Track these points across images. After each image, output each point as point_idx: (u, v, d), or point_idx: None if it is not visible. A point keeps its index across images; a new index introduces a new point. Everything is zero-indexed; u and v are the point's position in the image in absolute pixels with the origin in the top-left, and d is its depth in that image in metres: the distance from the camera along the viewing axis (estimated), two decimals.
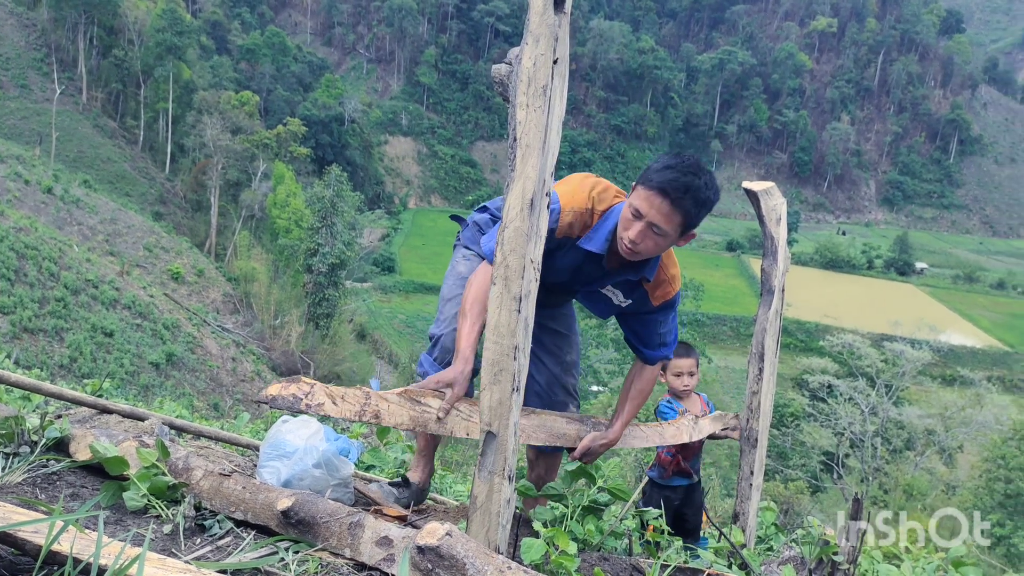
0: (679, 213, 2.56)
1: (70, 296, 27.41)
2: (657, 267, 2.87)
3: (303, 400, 2.02)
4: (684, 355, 4.10)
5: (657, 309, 2.98)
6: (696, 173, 2.56)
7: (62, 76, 69.90)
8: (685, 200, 2.53)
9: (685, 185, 2.53)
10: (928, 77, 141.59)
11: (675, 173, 2.54)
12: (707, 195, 2.59)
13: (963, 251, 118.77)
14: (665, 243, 2.67)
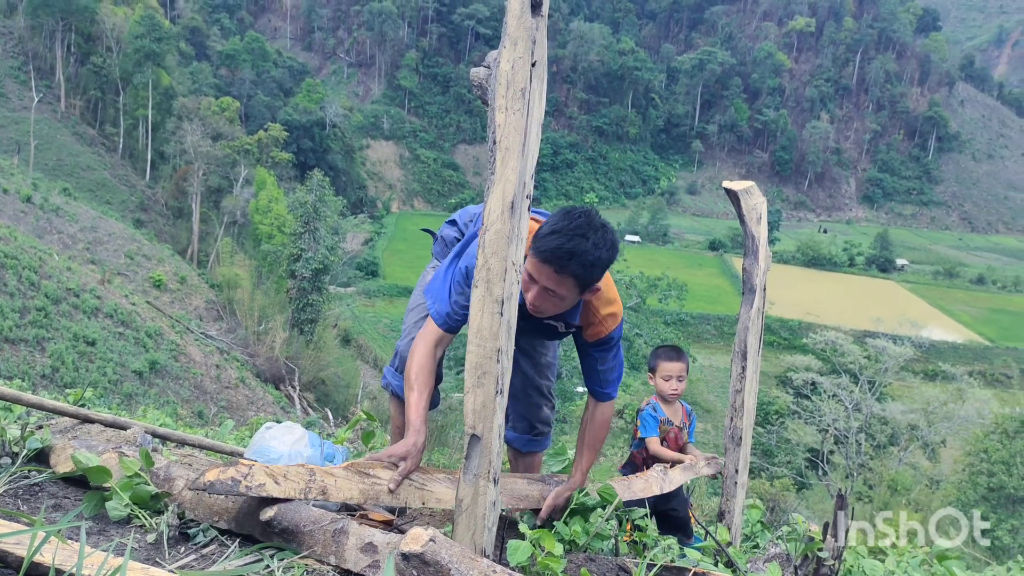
0: (568, 278, 2.52)
1: (51, 305, 27.17)
2: (578, 313, 2.85)
3: (242, 482, 1.96)
4: (675, 358, 4.07)
5: (592, 346, 2.95)
6: (584, 234, 2.50)
7: (40, 84, 69.39)
8: (570, 266, 2.49)
9: (569, 252, 2.47)
10: (906, 75, 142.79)
11: (559, 239, 2.48)
12: (596, 256, 2.53)
13: (943, 247, 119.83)
14: (565, 303, 2.64)
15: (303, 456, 2.60)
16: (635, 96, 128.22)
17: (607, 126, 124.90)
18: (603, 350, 2.97)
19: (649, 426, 4.18)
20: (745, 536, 3.99)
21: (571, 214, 2.56)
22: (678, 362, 4.04)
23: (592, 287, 2.63)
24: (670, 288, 32.89)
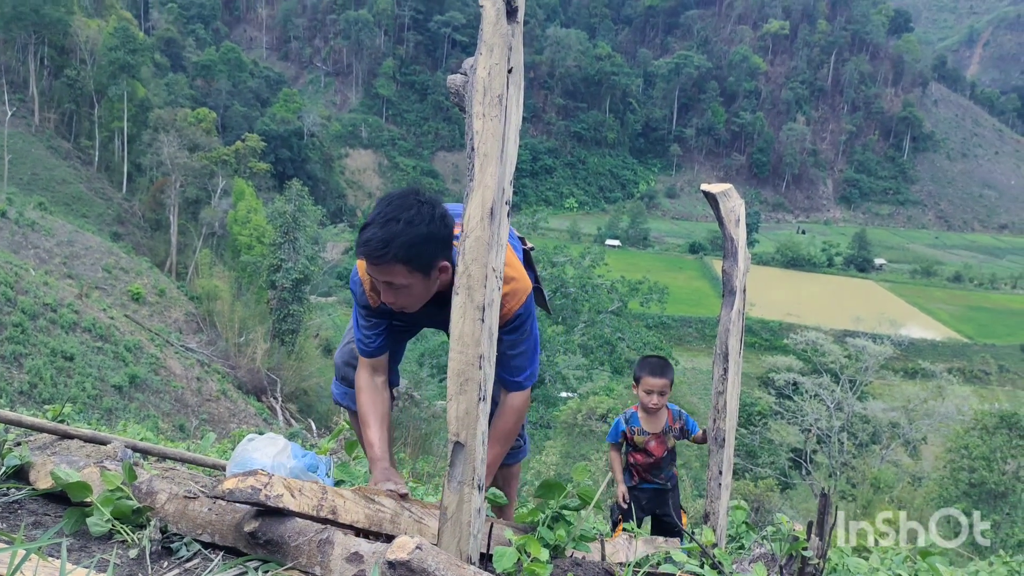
0: (396, 264, 2.46)
1: (28, 321, 26.90)
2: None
3: (262, 491, 1.97)
4: (658, 374, 4.11)
5: (507, 330, 2.77)
6: (395, 217, 2.44)
7: (13, 98, 68.77)
8: (390, 252, 2.43)
9: (382, 240, 2.42)
10: (879, 76, 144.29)
11: (371, 230, 2.44)
12: (415, 233, 2.44)
13: (920, 246, 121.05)
14: (417, 291, 2.58)
15: (286, 468, 2.59)
16: (613, 101, 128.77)
17: (585, 131, 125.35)
18: (507, 331, 2.75)
19: (611, 432, 4.29)
20: (730, 537, 4.00)
21: (384, 201, 2.51)
22: (661, 378, 4.08)
23: (436, 265, 2.53)
24: (651, 291, 33.00)
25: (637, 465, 4.21)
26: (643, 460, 4.19)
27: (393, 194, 2.55)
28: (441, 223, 2.52)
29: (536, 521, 2.58)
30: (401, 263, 2.45)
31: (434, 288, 2.62)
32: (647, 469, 4.19)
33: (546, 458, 24.15)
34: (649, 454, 4.16)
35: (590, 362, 31.28)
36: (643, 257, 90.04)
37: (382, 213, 2.46)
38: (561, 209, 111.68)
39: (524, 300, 2.76)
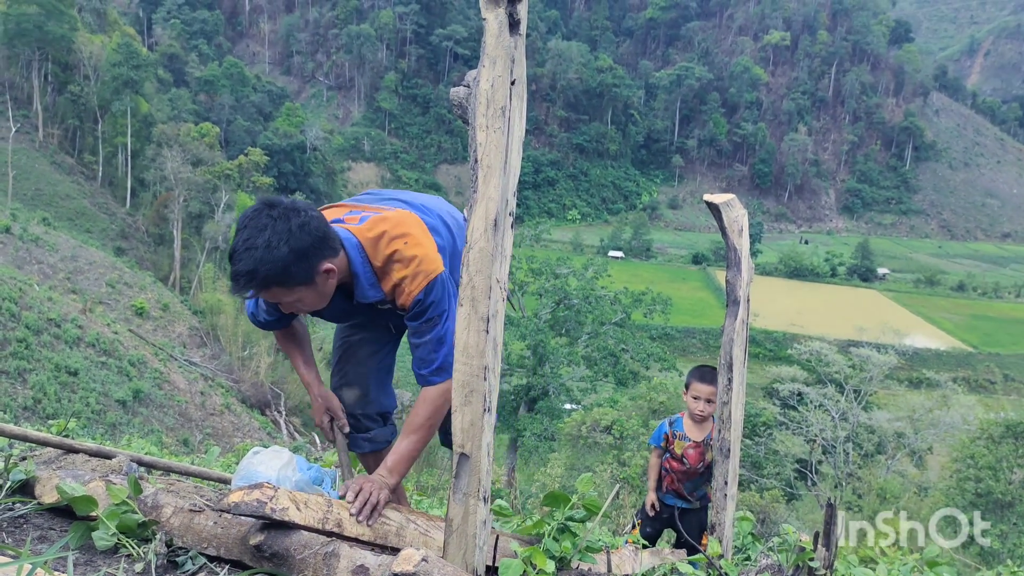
0: (272, 288, 2.39)
1: (32, 336, 26.94)
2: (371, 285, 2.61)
3: (267, 504, 1.97)
4: (707, 381, 4.10)
5: (410, 317, 2.62)
6: (252, 245, 2.31)
7: (17, 114, 69.07)
8: (257, 282, 2.34)
9: (247, 274, 2.32)
10: (880, 86, 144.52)
11: (235, 265, 2.34)
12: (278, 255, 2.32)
13: (923, 255, 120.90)
14: (308, 298, 2.49)
15: (291, 481, 2.58)
16: (614, 113, 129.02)
17: (587, 143, 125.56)
18: (413, 319, 2.61)
19: (654, 435, 4.34)
20: (736, 548, 3.99)
21: (240, 224, 2.38)
22: (710, 385, 4.08)
23: (316, 272, 2.42)
24: (654, 302, 32.89)
25: (672, 472, 4.21)
26: (678, 467, 4.19)
27: (246, 214, 2.39)
28: (301, 233, 2.36)
29: (542, 533, 2.58)
30: (276, 285, 2.38)
31: (329, 289, 2.52)
32: (679, 478, 4.18)
33: (550, 470, 24.07)
34: (684, 462, 4.16)
35: (594, 374, 31.19)
36: (646, 268, 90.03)
37: (241, 241, 2.34)
38: (564, 221, 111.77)
39: (426, 284, 2.54)
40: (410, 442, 2.57)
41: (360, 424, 2.99)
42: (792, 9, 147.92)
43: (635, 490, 18.24)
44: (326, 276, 2.46)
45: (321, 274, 2.44)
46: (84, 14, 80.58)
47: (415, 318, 2.60)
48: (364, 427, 3.01)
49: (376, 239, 2.57)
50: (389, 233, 2.57)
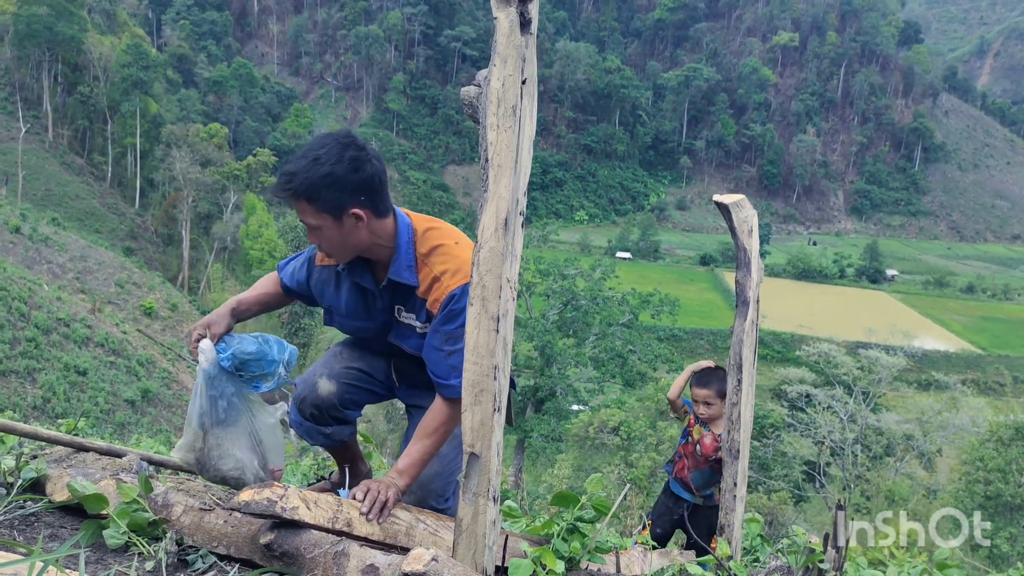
0: (302, 201, 2.41)
1: (41, 336, 27.05)
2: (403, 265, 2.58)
3: (277, 503, 1.97)
4: (701, 384, 4.15)
5: (443, 319, 2.54)
6: (306, 155, 2.42)
7: (27, 114, 69.38)
8: (291, 187, 2.40)
9: (289, 174, 2.40)
10: (890, 87, 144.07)
11: (284, 166, 2.44)
12: (319, 171, 2.38)
13: (932, 257, 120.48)
14: (331, 235, 2.48)
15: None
16: (622, 113, 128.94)
17: (595, 144, 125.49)
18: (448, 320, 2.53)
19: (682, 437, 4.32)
20: (745, 550, 3.98)
21: (311, 141, 2.50)
22: (703, 389, 4.11)
23: (345, 210, 2.43)
24: (662, 304, 32.87)
25: (685, 457, 4.23)
26: (689, 453, 4.21)
27: (322, 135, 2.53)
28: (351, 165, 2.42)
29: (551, 533, 2.58)
30: (305, 200, 2.41)
31: (353, 240, 2.51)
32: (690, 465, 4.20)
33: (558, 471, 24.08)
34: (698, 449, 4.17)
35: (601, 375, 31.17)
36: (654, 269, 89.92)
37: (302, 150, 2.46)
38: (571, 222, 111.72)
39: (465, 283, 2.46)
40: (423, 447, 2.52)
41: (322, 417, 2.92)
42: (801, 10, 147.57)
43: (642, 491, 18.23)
44: (354, 221, 2.47)
45: (350, 215, 2.46)
46: (94, 15, 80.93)
47: (450, 319, 2.52)
48: (325, 421, 2.94)
49: (427, 230, 2.64)
50: (441, 231, 2.66)
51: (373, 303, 2.71)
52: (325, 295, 2.78)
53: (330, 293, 2.76)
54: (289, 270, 2.89)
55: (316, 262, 2.78)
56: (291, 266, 2.90)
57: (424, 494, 2.74)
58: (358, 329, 2.81)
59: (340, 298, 2.74)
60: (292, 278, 2.87)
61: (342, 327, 2.84)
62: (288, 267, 2.90)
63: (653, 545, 3.40)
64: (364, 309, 2.72)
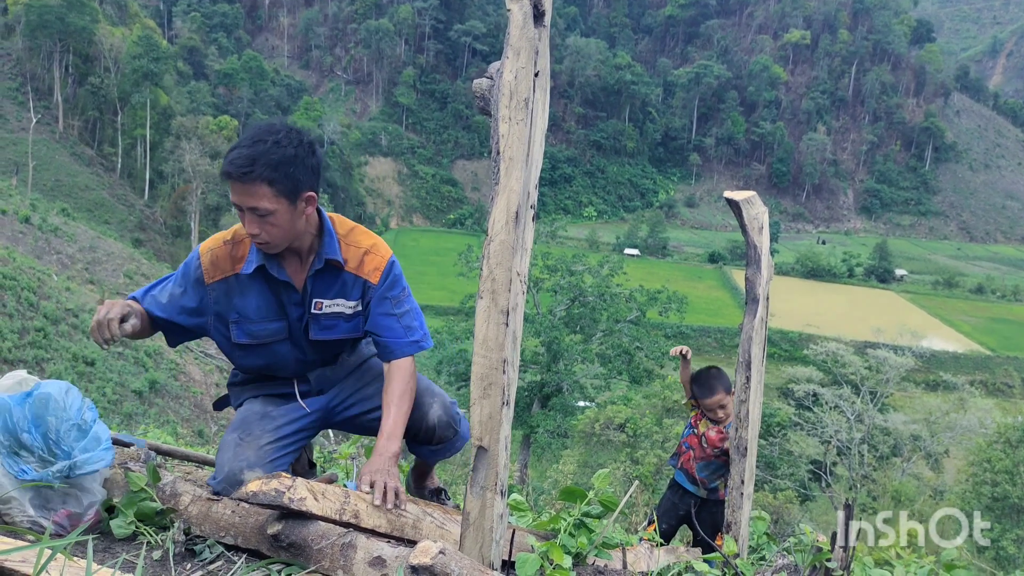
0: (261, 185, 2.36)
1: (50, 326, 27.16)
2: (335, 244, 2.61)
3: (285, 494, 1.97)
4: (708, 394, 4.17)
5: (384, 288, 2.67)
6: (262, 139, 2.38)
7: (38, 105, 69.58)
8: (256, 170, 2.34)
9: (249, 157, 2.34)
10: (901, 86, 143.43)
11: (237, 151, 2.37)
12: (282, 154, 2.38)
13: (941, 257, 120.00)
14: (282, 220, 2.44)
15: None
16: (632, 110, 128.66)
17: (605, 140, 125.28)
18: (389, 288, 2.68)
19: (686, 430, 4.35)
20: (751, 548, 3.97)
21: (252, 127, 2.47)
22: (712, 396, 4.12)
23: (301, 194, 2.44)
24: (670, 301, 32.77)
25: (692, 448, 4.23)
26: (697, 445, 4.22)
27: (261, 122, 2.52)
28: (309, 149, 2.46)
29: (558, 528, 2.57)
30: (266, 183, 2.37)
31: (299, 224, 2.51)
32: (697, 457, 4.21)
33: (563, 467, 24.08)
34: (704, 442, 4.18)
35: (608, 371, 31.10)
36: (662, 266, 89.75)
37: (250, 135, 2.41)
38: (580, 218, 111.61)
39: (390, 256, 2.70)
40: (399, 411, 2.59)
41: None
42: (812, 8, 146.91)
43: (648, 488, 18.21)
44: (305, 205, 2.48)
45: (303, 199, 2.47)
46: (105, 6, 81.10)
47: (393, 285, 2.69)
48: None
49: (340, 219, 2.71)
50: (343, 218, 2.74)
51: (288, 298, 2.64)
52: (231, 307, 2.64)
53: (236, 303, 2.63)
54: (160, 302, 2.68)
55: (207, 280, 2.63)
56: (156, 298, 2.69)
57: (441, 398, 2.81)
58: (272, 333, 2.66)
59: (248, 303, 2.62)
60: (168, 309, 2.67)
61: (254, 335, 2.66)
62: (151, 299, 2.69)
63: (659, 542, 3.40)
64: (276, 307, 2.64)
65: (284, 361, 2.73)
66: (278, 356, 2.71)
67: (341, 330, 2.70)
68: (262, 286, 2.62)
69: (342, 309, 2.67)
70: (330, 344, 2.74)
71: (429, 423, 2.76)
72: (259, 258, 2.56)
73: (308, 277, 2.62)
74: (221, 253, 2.62)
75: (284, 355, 2.72)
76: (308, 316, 2.65)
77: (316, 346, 2.72)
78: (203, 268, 2.62)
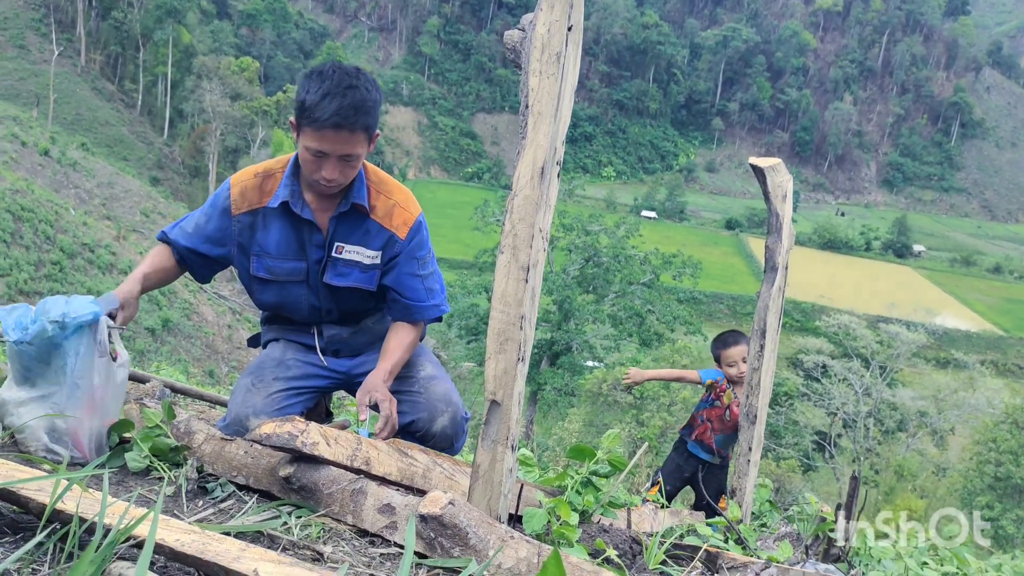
0: (360, 133, 2.42)
1: (66, 259, 27.37)
2: (364, 189, 2.63)
3: (298, 438, 1.98)
4: (735, 342, 4.16)
5: (407, 244, 2.68)
6: (353, 85, 2.39)
7: (60, 37, 69.32)
8: (359, 119, 2.39)
9: (353, 107, 2.37)
10: (932, 59, 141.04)
11: (338, 100, 2.35)
12: (374, 98, 2.44)
13: (961, 234, 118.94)
14: (360, 162, 2.53)
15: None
16: (657, 71, 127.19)
17: (627, 100, 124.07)
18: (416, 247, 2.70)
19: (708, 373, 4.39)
20: (753, 515, 4.00)
21: (325, 73, 2.41)
22: (737, 347, 4.13)
23: (374, 135, 2.51)
24: (684, 265, 32.65)
25: (709, 421, 4.26)
26: (716, 417, 4.23)
27: (325, 66, 2.46)
28: (379, 89, 2.50)
29: (565, 485, 2.59)
30: (363, 130, 2.43)
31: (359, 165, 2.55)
32: (715, 429, 4.23)
33: (569, 425, 24.25)
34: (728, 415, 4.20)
35: (618, 333, 31.14)
36: (678, 230, 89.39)
37: (337, 83, 2.38)
38: (599, 177, 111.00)
39: (419, 213, 2.71)
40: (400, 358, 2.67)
41: None
42: None
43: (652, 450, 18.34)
44: (373, 144, 2.53)
45: (374, 137, 2.52)
46: None
47: (420, 246, 2.71)
48: None
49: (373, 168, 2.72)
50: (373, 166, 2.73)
51: (311, 238, 2.64)
52: (253, 240, 2.66)
53: (259, 236, 2.65)
54: (186, 231, 2.72)
55: (233, 211, 2.64)
56: (183, 228, 2.73)
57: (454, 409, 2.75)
58: (289, 272, 2.68)
59: (270, 237, 2.64)
60: (192, 238, 2.70)
61: (272, 271, 2.68)
62: (180, 232, 2.73)
63: (663, 503, 3.42)
64: (297, 246, 2.65)
65: (297, 303, 2.74)
66: (292, 296, 2.73)
67: (353, 278, 2.69)
68: (285, 223, 2.63)
69: (360, 258, 2.66)
70: (343, 293, 2.73)
71: (432, 430, 2.72)
72: (286, 194, 2.58)
73: (332, 218, 2.62)
74: (251, 185, 2.63)
75: (298, 297, 2.73)
76: (327, 259, 2.66)
77: (330, 293, 2.72)
78: (232, 199, 2.64)
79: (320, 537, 1.86)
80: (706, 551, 2.29)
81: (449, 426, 2.74)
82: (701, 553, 2.25)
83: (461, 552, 1.73)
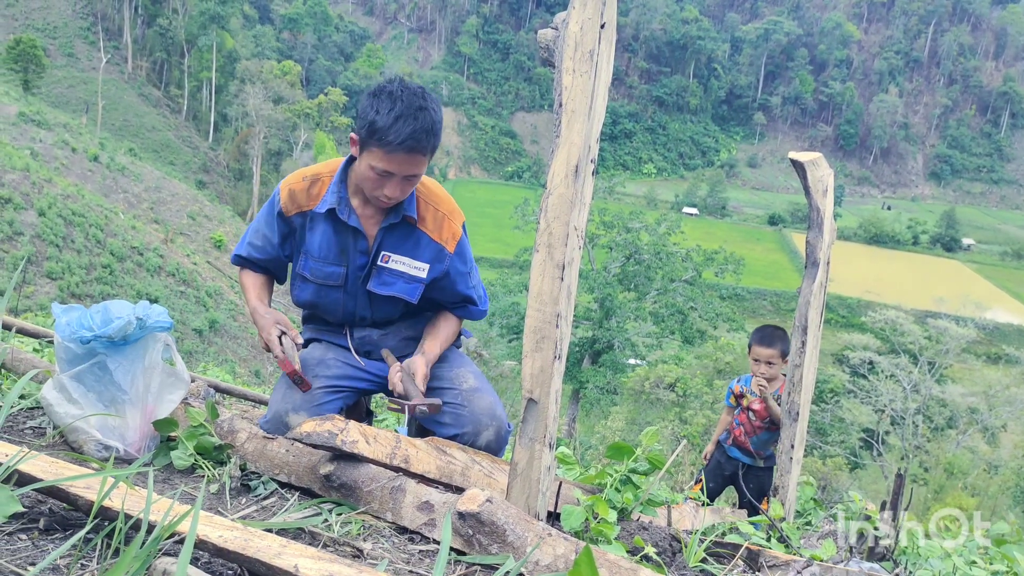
0: (428, 153, 2.49)
1: (116, 263, 27.92)
2: (413, 201, 2.67)
3: (338, 436, 2.01)
4: (766, 343, 4.15)
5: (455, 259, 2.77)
6: (423, 106, 2.44)
7: (108, 45, 70.74)
8: (431, 141, 2.46)
9: (426, 131, 2.43)
10: (980, 48, 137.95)
11: (411, 123, 2.39)
12: (440, 117, 2.51)
13: (1012, 227, 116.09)
14: (419, 180, 2.60)
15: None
16: (697, 66, 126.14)
17: (667, 96, 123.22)
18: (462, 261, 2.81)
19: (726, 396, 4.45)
20: (797, 513, 3.96)
21: (395, 94, 2.44)
22: (768, 348, 4.09)
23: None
24: (727, 262, 32.35)
25: (741, 424, 4.26)
26: (745, 420, 4.23)
27: (393, 85, 2.49)
28: (440, 108, 2.56)
29: (604, 483, 2.59)
30: (430, 152, 2.50)
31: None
32: (748, 431, 4.22)
33: (612, 423, 24.16)
34: (754, 415, 4.19)
35: (660, 330, 30.98)
36: (720, 227, 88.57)
37: (408, 105, 2.42)
38: (639, 174, 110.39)
39: (462, 222, 2.80)
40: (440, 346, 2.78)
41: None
42: None
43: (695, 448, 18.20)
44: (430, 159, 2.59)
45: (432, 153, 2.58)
46: None
47: (465, 260, 2.81)
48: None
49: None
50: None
51: (356, 245, 2.68)
52: (302, 239, 2.74)
53: (307, 237, 2.72)
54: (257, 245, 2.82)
55: (286, 214, 2.71)
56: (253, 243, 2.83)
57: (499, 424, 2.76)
58: (327, 276, 2.73)
59: (314, 240, 2.70)
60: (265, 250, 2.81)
61: (312, 272, 2.74)
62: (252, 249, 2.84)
63: (705, 501, 3.40)
64: (338, 252, 2.70)
65: (333, 306, 2.80)
66: (329, 299, 2.79)
67: (397, 288, 2.72)
68: (330, 228, 2.68)
69: (407, 269, 2.71)
70: (383, 302, 2.77)
71: (477, 445, 2.71)
72: (333, 200, 2.63)
73: (381, 228, 2.66)
74: (299, 188, 2.69)
75: (335, 300, 2.78)
76: (372, 266, 2.70)
77: (369, 300, 2.77)
78: (282, 202, 2.71)
79: (360, 534, 1.88)
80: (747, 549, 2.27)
81: (494, 441, 2.75)
82: (742, 551, 2.23)
83: (499, 549, 1.74)
